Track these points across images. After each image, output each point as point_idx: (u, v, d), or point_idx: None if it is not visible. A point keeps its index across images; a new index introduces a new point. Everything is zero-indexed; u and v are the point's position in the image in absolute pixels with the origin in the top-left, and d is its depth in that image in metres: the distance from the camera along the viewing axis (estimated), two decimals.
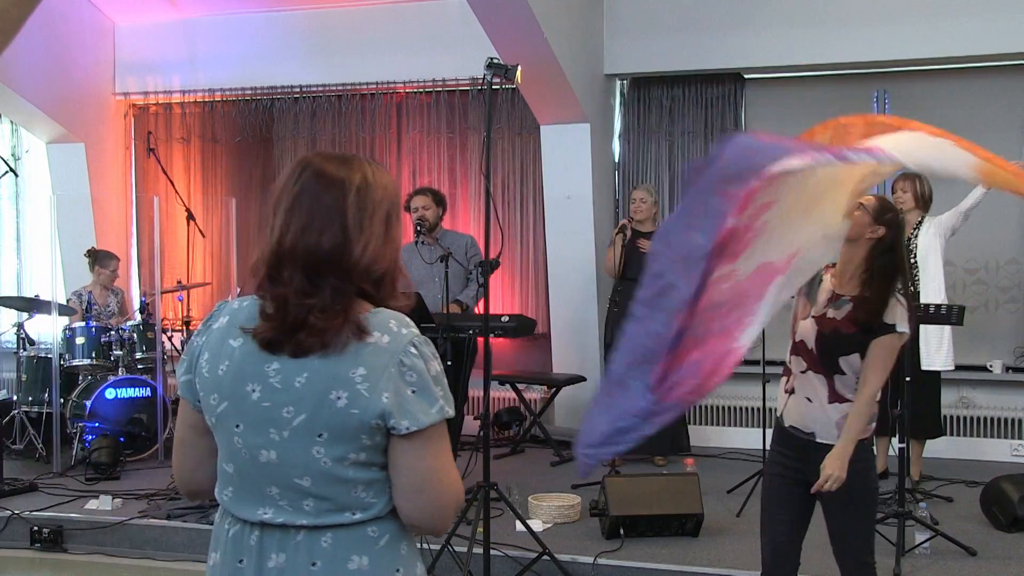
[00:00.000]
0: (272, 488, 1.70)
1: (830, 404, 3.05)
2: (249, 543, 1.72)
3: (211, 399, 1.72)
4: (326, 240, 1.66)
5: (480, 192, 7.41)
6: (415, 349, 1.69)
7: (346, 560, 1.69)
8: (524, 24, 5.73)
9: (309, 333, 1.64)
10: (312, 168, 1.72)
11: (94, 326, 6.66)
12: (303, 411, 1.65)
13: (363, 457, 1.67)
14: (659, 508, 4.77)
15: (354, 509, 1.70)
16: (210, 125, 8.33)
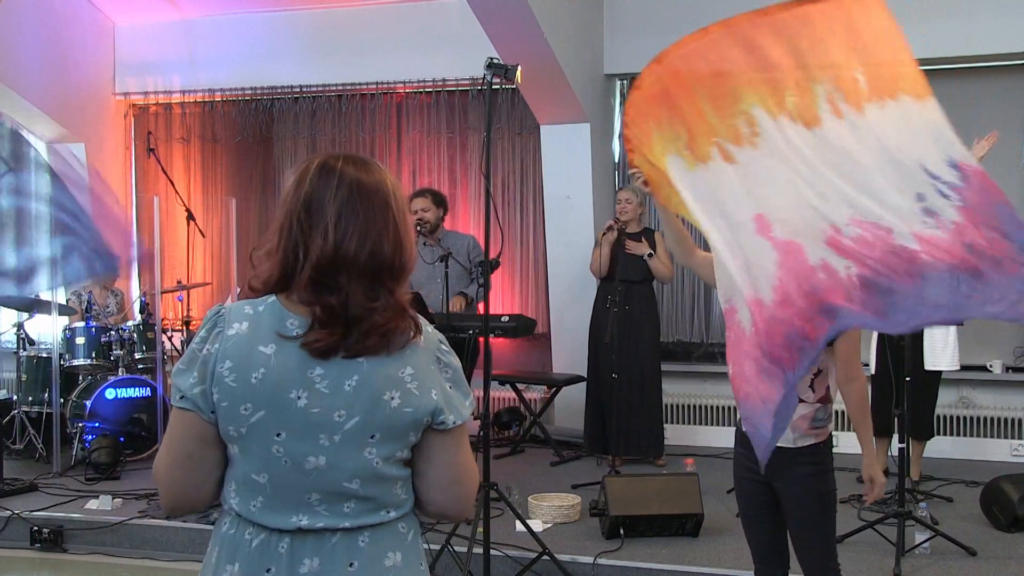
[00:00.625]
0: (312, 495, 1.67)
1: None
2: (278, 551, 1.68)
3: (242, 409, 1.65)
4: (387, 246, 1.68)
5: (480, 192, 7.41)
6: (444, 346, 1.76)
7: (383, 557, 1.72)
8: (524, 24, 5.74)
9: (373, 334, 1.64)
10: (349, 175, 1.70)
11: (94, 326, 6.66)
12: (356, 414, 1.66)
13: (404, 455, 1.72)
14: (659, 508, 4.77)
15: (390, 507, 1.73)
16: (210, 125, 8.34)
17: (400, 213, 1.73)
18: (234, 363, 1.65)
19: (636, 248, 6.19)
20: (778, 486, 3.07)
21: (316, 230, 1.66)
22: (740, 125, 2.84)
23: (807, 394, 3.01)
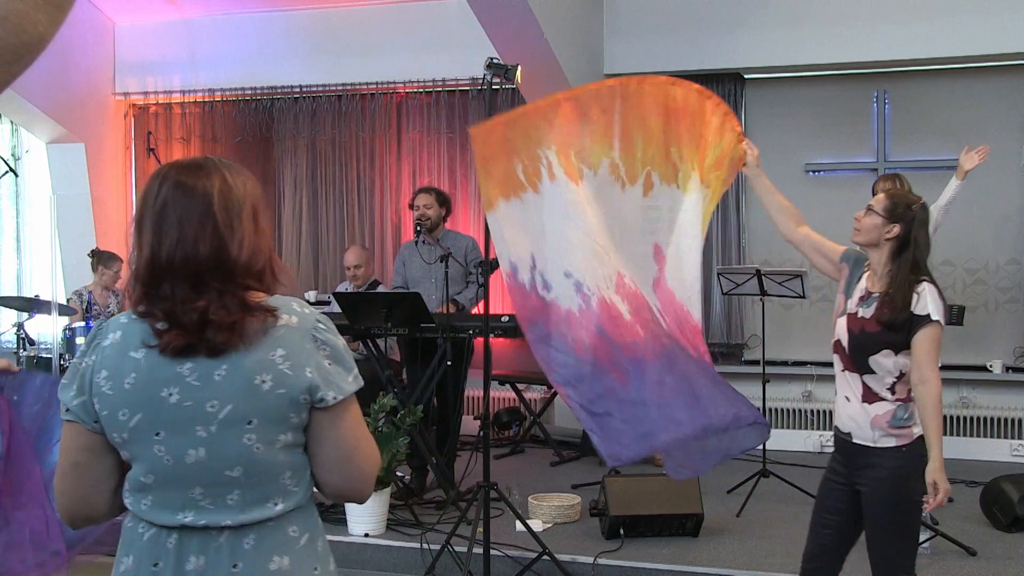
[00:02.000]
0: (196, 489, 1.69)
1: (863, 403, 2.99)
2: (166, 546, 1.71)
3: (119, 415, 1.69)
4: (202, 247, 1.68)
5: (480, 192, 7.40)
6: (323, 324, 1.75)
7: (268, 560, 1.71)
8: (524, 24, 5.74)
9: (218, 330, 1.65)
10: (171, 181, 1.72)
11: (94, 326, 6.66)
12: (229, 402, 1.67)
13: (291, 438, 1.71)
14: (659, 508, 4.77)
15: (277, 499, 1.72)
16: (210, 125, 8.34)
17: (228, 211, 1.71)
18: (109, 372, 1.71)
19: None
20: (860, 486, 3.04)
21: (142, 243, 1.72)
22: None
23: (886, 394, 2.97)
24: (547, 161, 3.32)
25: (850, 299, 3.07)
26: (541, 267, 3.31)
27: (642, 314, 3.25)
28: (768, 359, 5.78)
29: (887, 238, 2.98)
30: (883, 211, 3.00)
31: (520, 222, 3.34)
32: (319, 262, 8.16)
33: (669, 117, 3.37)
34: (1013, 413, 6.65)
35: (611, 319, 3.25)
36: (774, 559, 4.53)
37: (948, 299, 6.30)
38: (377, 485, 4.80)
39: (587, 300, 3.27)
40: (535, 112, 3.42)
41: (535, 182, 3.33)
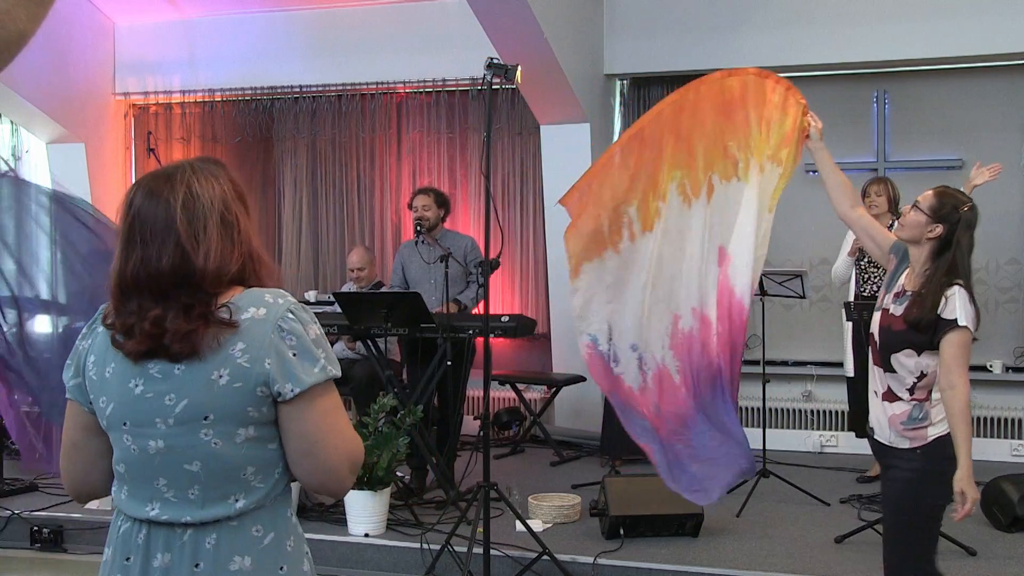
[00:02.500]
0: (160, 480, 1.72)
1: (883, 401, 2.98)
2: (136, 541, 1.74)
3: (100, 402, 1.75)
4: (165, 262, 1.69)
5: (480, 192, 7.41)
6: (292, 315, 1.72)
7: (228, 560, 1.72)
8: (524, 24, 5.73)
9: (173, 339, 1.67)
10: (140, 193, 1.75)
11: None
12: (185, 396, 1.69)
13: (253, 432, 1.71)
14: (659, 508, 4.77)
15: (237, 495, 1.72)
16: (210, 125, 8.33)
17: (192, 221, 1.70)
18: (96, 358, 1.77)
19: None
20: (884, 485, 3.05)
21: (114, 254, 1.75)
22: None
23: (904, 394, 2.94)
24: (628, 219, 3.44)
25: (888, 294, 3.04)
26: (615, 339, 3.45)
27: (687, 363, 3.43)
28: (768, 359, 5.78)
29: (929, 237, 2.93)
30: (928, 209, 2.95)
31: (599, 286, 3.46)
32: (319, 262, 8.16)
33: (726, 111, 3.43)
34: (1013, 413, 6.65)
35: (664, 391, 3.45)
36: (774, 559, 4.53)
37: None
38: (377, 485, 4.79)
39: (645, 376, 3.45)
40: (611, 164, 3.50)
41: (616, 241, 3.45)
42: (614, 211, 3.44)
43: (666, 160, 3.44)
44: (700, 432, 3.39)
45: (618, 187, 3.44)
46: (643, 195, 3.43)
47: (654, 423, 3.41)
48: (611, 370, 3.43)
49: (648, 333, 3.40)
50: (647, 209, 3.44)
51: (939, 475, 2.90)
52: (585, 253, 3.45)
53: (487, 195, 4.22)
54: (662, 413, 3.42)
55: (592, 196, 3.46)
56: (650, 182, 3.44)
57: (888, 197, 5.70)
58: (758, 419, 6.62)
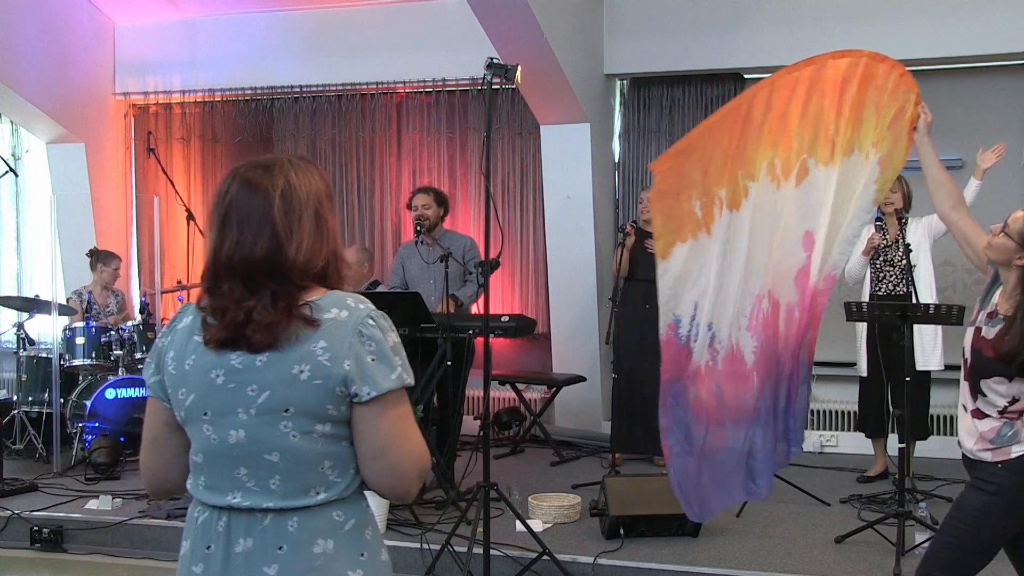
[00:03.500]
0: (241, 469, 1.75)
1: (973, 418, 2.91)
2: (217, 529, 1.76)
3: (179, 394, 1.78)
4: (259, 249, 1.73)
5: (480, 192, 7.41)
6: (372, 321, 1.76)
7: (311, 544, 1.74)
8: (524, 24, 5.73)
9: (256, 329, 1.70)
10: (238, 181, 1.78)
11: (94, 326, 6.66)
12: (267, 388, 1.72)
13: (330, 429, 1.74)
14: (659, 508, 4.77)
15: (318, 488, 1.75)
16: (210, 125, 8.34)
17: (289, 212, 1.75)
18: (175, 352, 1.81)
19: (654, 246, 6.15)
20: None
21: (208, 239, 1.80)
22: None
23: (994, 413, 2.88)
24: (719, 200, 3.37)
25: (983, 310, 2.95)
26: (699, 318, 3.38)
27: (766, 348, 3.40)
28: None
29: (1017, 264, 2.86)
30: (1016, 235, 2.87)
31: (690, 268, 3.36)
32: None
33: (832, 92, 3.35)
34: None
35: (731, 374, 3.41)
36: (774, 559, 4.53)
37: (948, 299, 6.33)
38: None
39: (715, 356, 3.40)
40: (709, 137, 3.41)
41: (709, 223, 3.36)
42: (706, 193, 3.36)
43: (763, 138, 3.37)
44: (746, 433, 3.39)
45: (711, 167, 3.34)
46: (732, 174, 3.36)
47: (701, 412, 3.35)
48: (686, 352, 3.36)
49: (725, 311, 3.35)
50: (736, 187, 3.36)
51: (1017, 492, 2.85)
52: (677, 234, 3.35)
53: (487, 195, 4.21)
54: (723, 397, 3.39)
55: (684, 177, 3.36)
56: (741, 160, 3.37)
57: (903, 194, 5.71)
58: None
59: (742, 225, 3.37)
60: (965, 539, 2.94)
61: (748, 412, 3.40)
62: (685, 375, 3.36)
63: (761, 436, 3.43)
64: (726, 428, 3.40)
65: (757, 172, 3.37)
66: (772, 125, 3.38)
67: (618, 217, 7.47)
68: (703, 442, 3.38)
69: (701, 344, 3.37)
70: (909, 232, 5.62)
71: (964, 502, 2.96)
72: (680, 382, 3.36)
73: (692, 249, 3.34)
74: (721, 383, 3.38)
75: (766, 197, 3.38)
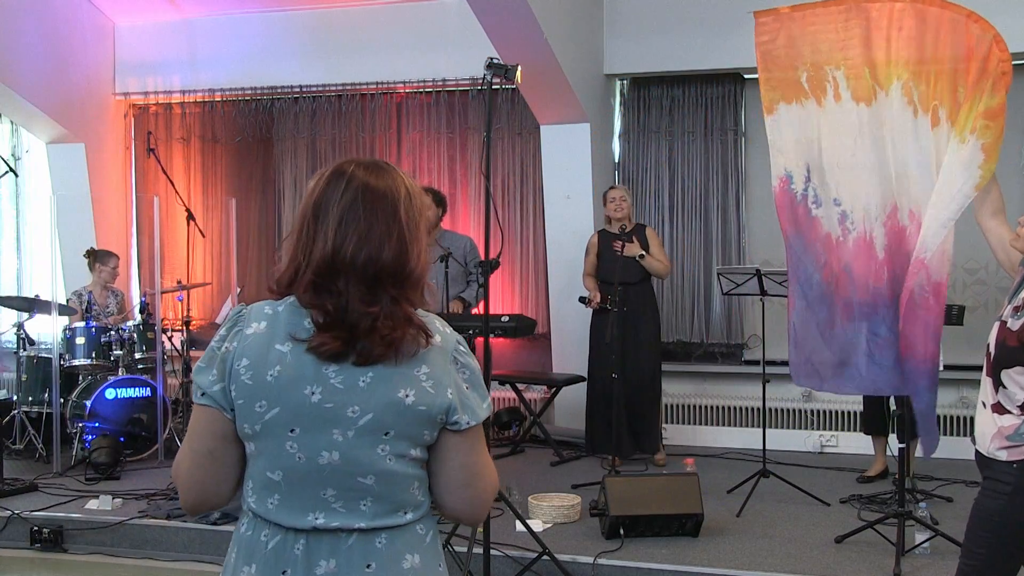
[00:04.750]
0: (328, 491, 1.67)
1: (993, 413, 2.88)
2: (294, 552, 1.68)
3: (257, 406, 1.66)
4: (388, 252, 1.67)
5: (480, 192, 7.41)
6: (462, 347, 1.75)
7: (401, 559, 1.71)
8: (524, 24, 5.73)
9: (378, 343, 1.64)
10: (358, 180, 1.71)
11: (94, 326, 6.66)
12: (370, 410, 1.66)
13: (420, 454, 1.71)
14: (659, 508, 4.77)
15: (407, 508, 1.72)
16: (210, 125, 8.34)
17: (409, 220, 1.71)
18: (251, 361, 1.67)
19: (629, 250, 6.14)
20: None
21: (320, 233, 1.68)
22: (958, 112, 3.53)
23: (1015, 409, 2.85)
24: (833, 80, 3.57)
25: (1009, 306, 2.94)
26: (816, 182, 3.60)
27: (897, 254, 3.53)
28: (768, 359, 5.77)
29: None
30: None
31: (799, 129, 3.63)
32: None
33: (962, 53, 3.46)
34: None
35: (862, 258, 3.56)
36: (774, 559, 4.53)
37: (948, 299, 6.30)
38: None
39: (846, 234, 3.58)
40: (826, 17, 3.54)
41: (819, 96, 3.54)
42: (814, 66, 3.52)
43: (894, 55, 3.47)
44: (868, 323, 3.53)
45: (823, 45, 3.49)
46: (856, 67, 3.48)
47: (836, 277, 3.54)
48: (806, 210, 3.54)
49: (858, 198, 3.48)
50: (860, 83, 3.50)
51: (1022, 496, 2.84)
52: (781, 95, 3.58)
53: (487, 195, 4.21)
54: (852, 274, 3.55)
55: (792, 48, 3.55)
56: (867, 60, 3.49)
57: None
58: (758, 419, 6.63)
59: (874, 123, 3.48)
60: (991, 547, 2.89)
61: (875, 301, 3.50)
62: (811, 235, 3.52)
63: (885, 333, 3.58)
64: (852, 308, 3.54)
65: (887, 85, 3.48)
66: (902, 46, 3.50)
67: None
68: (829, 312, 3.51)
69: (829, 214, 3.53)
70: None
71: (982, 510, 2.90)
72: (801, 238, 3.53)
73: (798, 114, 3.52)
74: (851, 262, 3.56)
75: (902, 117, 3.48)
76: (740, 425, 7.14)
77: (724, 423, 7.18)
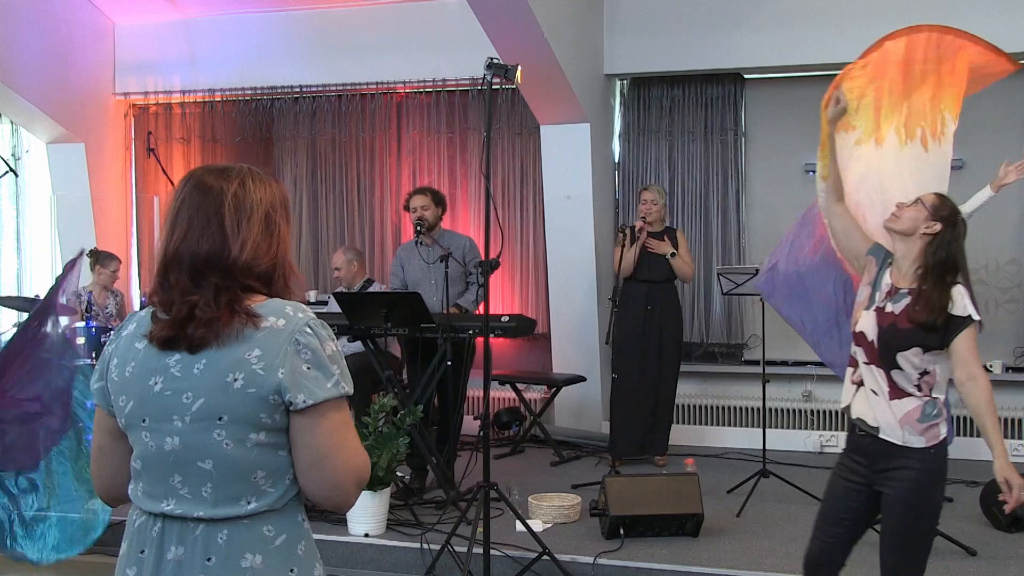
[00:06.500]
0: (175, 477, 1.76)
1: (892, 400, 2.97)
2: (151, 534, 1.78)
3: (120, 400, 1.80)
4: (204, 243, 1.76)
5: (480, 192, 7.41)
6: (310, 329, 1.76)
7: (240, 557, 1.75)
8: (524, 24, 5.73)
9: (197, 326, 1.73)
10: (193, 180, 1.82)
11: (94, 326, 6.66)
12: (202, 395, 1.73)
13: (265, 438, 1.74)
14: (659, 508, 4.77)
15: (249, 497, 1.75)
16: (210, 125, 8.33)
17: (238, 211, 1.78)
18: (118, 359, 1.82)
19: (659, 247, 6.18)
20: (881, 488, 3.02)
21: (161, 235, 1.83)
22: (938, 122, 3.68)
23: (913, 390, 2.95)
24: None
25: (877, 292, 3.04)
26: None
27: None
28: (768, 359, 5.78)
29: (925, 232, 2.97)
30: (930, 207, 3.00)
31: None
32: (319, 262, 8.16)
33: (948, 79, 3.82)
34: (1013, 413, 6.65)
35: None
36: (774, 559, 4.53)
37: None
38: (377, 485, 4.80)
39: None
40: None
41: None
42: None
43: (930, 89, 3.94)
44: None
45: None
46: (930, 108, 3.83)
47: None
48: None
49: None
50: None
51: (942, 474, 2.99)
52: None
53: (487, 195, 4.21)
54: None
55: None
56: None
57: None
58: (758, 419, 6.63)
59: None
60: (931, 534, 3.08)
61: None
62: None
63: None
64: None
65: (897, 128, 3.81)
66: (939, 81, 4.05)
67: (618, 217, 7.48)
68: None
69: None
70: None
71: (917, 502, 3.00)
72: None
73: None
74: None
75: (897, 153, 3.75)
76: (740, 425, 7.14)
77: (724, 423, 7.18)
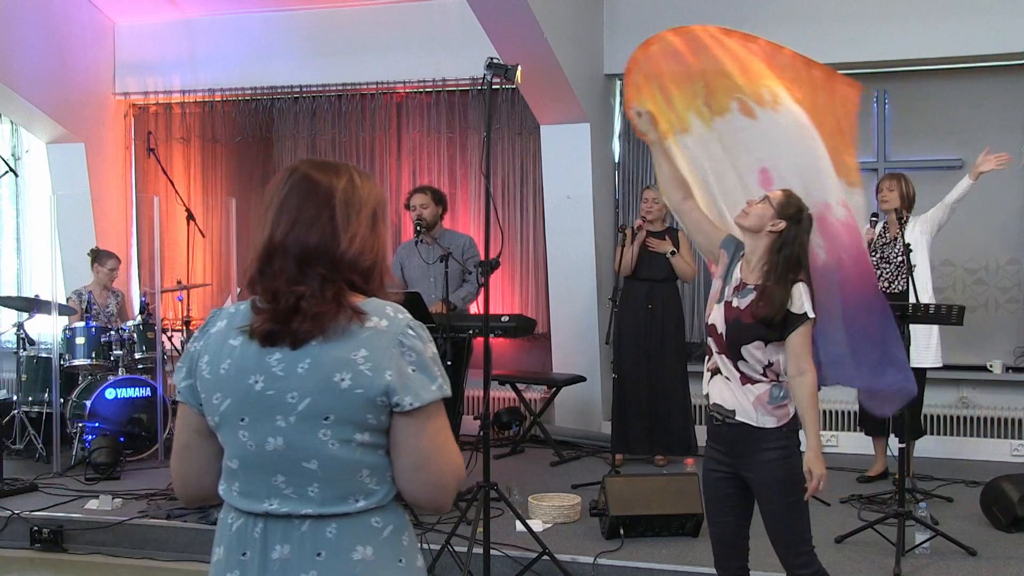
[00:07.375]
0: (278, 477, 1.73)
1: (742, 386, 3.09)
2: (253, 535, 1.75)
3: (214, 399, 1.76)
4: (315, 233, 1.74)
5: (480, 192, 7.41)
6: (412, 331, 1.77)
7: (351, 550, 1.73)
8: (524, 24, 5.74)
9: (304, 320, 1.70)
10: (299, 172, 1.81)
11: (94, 326, 6.66)
12: (308, 395, 1.70)
13: (368, 438, 1.73)
14: (659, 508, 4.77)
15: (357, 496, 1.74)
16: (210, 125, 8.33)
17: (349, 205, 1.77)
18: (210, 357, 1.78)
19: (659, 245, 6.18)
20: (746, 474, 3.15)
21: (263, 224, 1.79)
22: (763, 92, 3.50)
23: (759, 376, 3.07)
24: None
25: (727, 286, 3.15)
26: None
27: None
28: None
29: (771, 230, 3.07)
30: (776, 204, 3.09)
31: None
32: None
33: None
34: (1013, 413, 6.65)
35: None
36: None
37: (948, 299, 6.33)
38: None
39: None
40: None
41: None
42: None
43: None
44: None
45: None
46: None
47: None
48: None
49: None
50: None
51: (797, 448, 3.12)
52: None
53: (487, 195, 4.21)
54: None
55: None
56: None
57: (900, 193, 5.68)
58: None
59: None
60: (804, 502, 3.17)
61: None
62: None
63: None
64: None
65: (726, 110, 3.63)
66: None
67: (618, 217, 7.47)
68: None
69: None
70: (907, 231, 5.62)
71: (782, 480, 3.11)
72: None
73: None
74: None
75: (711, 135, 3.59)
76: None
77: None
